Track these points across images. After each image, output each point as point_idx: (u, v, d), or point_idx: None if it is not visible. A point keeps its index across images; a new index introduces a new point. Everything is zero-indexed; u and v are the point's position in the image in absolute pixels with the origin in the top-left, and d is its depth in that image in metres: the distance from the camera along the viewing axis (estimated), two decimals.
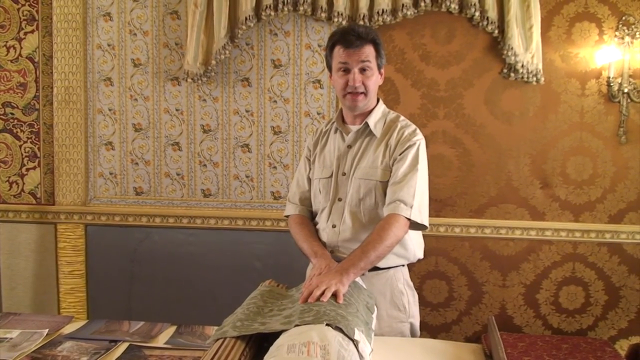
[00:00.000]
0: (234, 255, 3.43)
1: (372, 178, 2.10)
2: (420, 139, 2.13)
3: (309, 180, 2.31)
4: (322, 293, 1.73)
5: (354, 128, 2.19)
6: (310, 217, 2.31)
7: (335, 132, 2.25)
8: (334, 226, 2.15)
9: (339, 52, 2.10)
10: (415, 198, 2.02)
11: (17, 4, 3.44)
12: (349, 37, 2.07)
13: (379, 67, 2.14)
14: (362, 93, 2.10)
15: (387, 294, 2.15)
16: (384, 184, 2.08)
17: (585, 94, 3.16)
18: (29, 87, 3.48)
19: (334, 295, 1.74)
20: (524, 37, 3.07)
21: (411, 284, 2.25)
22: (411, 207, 2.00)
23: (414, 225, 2.06)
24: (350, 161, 2.16)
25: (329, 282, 1.77)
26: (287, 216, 2.38)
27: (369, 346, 1.57)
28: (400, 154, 2.08)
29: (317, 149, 2.30)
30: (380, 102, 2.23)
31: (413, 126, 2.17)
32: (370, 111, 2.18)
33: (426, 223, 2.08)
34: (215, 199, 3.44)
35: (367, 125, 2.16)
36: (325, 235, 2.17)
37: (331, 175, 2.19)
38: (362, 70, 2.08)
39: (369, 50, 2.08)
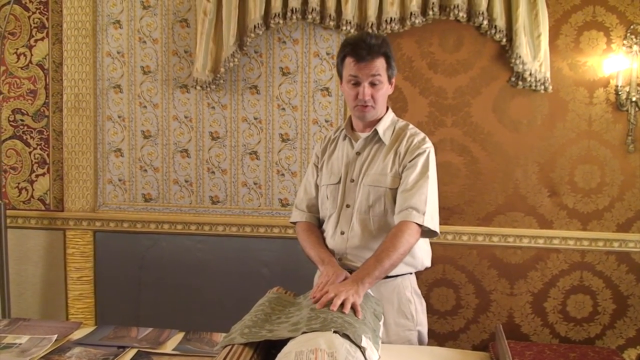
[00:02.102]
0: (241, 262, 3.43)
1: (382, 185, 2.10)
2: (429, 147, 2.13)
3: (317, 187, 2.32)
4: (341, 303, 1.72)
5: (363, 135, 2.20)
6: (317, 224, 2.31)
7: (344, 139, 2.26)
8: (342, 233, 2.15)
9: (349, 64, 2.09)
10: (427, 205, 2.02)
11: (28, 11, 3.47)
12: (360, 50, 2.05)
13: (390, 78, 2.15)
14: (370, 105, 2.11)
15: (394, 302, 2.15)
16: (394, 191, 2.09)
17: (593, 102, 3.16)
18: (39, 94, 3.51)
19: (352, 309, 1.73)
20: (532, 45, 3.07)
21: (419, 291, 2.25)
22: (423, 214, 2.00)
23: (425, 233, 2.06)
24: (359, 168, 2.16)
25: (347, 292, 1.76)
26: (293, 223, 2.38)
27: (376, 353, 1.57)
28: (410, 162, 2.08)
29: (324, 156, 2.31)
30: (390, 110, 2.23)
31: (422, 134, 2.18)
32: (380, 119, 2.18)
33: (437, 230, 2.08)
34: (224, 205, 3.45)
35: (376, 132, 2.16)
36: (333, 242, 2.17)
37: (339, 182, 2.19)
38: (372, 84, 2.09)
39: (379, 64, 2.08)
